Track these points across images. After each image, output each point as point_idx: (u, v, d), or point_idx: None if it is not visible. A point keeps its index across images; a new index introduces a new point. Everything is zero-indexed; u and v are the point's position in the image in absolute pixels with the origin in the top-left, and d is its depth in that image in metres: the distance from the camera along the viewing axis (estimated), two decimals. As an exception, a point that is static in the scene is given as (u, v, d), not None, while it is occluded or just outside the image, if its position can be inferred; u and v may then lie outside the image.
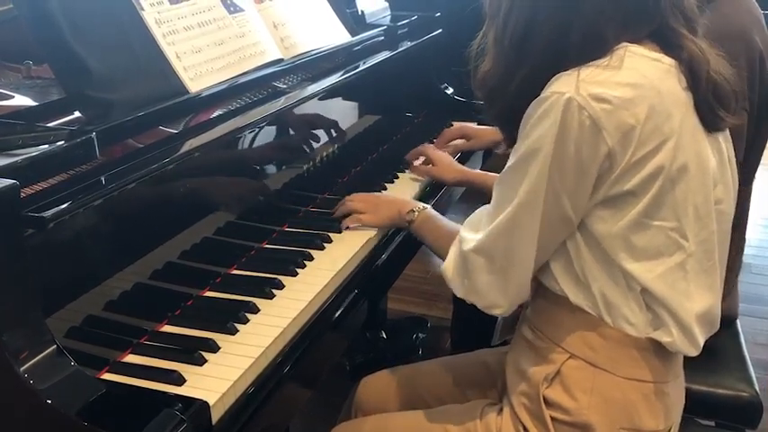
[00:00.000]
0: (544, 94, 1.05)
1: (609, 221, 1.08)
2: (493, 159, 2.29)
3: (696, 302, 1.13)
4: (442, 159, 1.80)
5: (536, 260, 1.12)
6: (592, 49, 1.05)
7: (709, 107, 1.09)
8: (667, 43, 1.09)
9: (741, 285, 1.74)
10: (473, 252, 1.16)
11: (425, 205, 1.46)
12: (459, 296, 1.21)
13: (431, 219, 1.42)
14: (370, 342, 2.47)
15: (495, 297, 1.16)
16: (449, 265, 1.22)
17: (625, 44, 1.06)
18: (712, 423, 1.57)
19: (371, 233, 1.50)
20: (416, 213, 1.43)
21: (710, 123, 1.10)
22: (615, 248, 1.09)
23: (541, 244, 1.10)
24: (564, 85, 1.03)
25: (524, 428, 1.19)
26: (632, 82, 1.03)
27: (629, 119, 1.02)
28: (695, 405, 1.30)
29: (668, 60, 1.08)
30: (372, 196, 1.60)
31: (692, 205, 1.08)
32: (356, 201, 1.55)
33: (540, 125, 1.05)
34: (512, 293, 1.16)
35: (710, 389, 1.51)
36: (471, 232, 1.19)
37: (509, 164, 1.11)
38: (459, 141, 2.03)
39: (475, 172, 1.79)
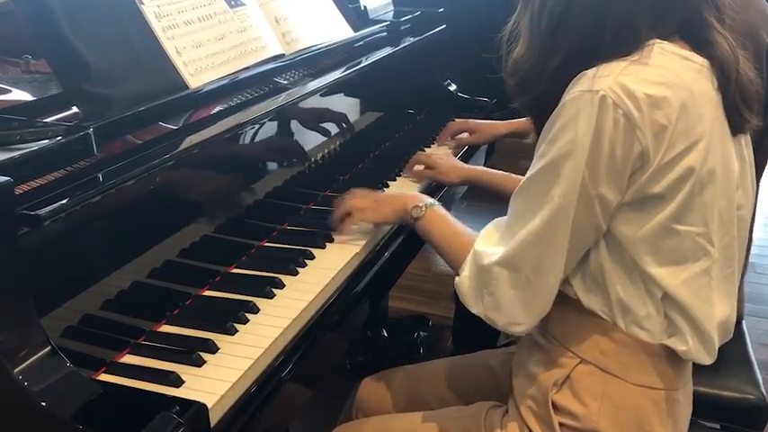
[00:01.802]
0: (572, 94, 1.01)
1: (634, 225, 1.05)
2: (496, 155, 2.28)
3: (718, 310, 1.10)
4: (442, 162, 1.75)
5: (564, 270, 1.08)
6: (624, 39, 1.02)
7: (737, 109, 1.07)
8: (698, 39, 1.06)
9: (744, 285, 1.72)
10: (497, 265, 1.10)
11: (433, 201, 1.37)
12: (474, 313, 1.15)
13: (439, 218, 1.33)
14: (371, 341, 2.45)
15: (517, 313, 1.10)
16: (464, 281, 1.16)
17: (655, 40, 1.03)
18: (717, 426, 1.56)
19: (373, 232, 1.48)
20: (423, 210, 1.34)
21: (737, 125, 1.08)
22: (640, 252, 1.06)
23: (570, 253, 1.07)
24: (594, 83, 1.00)
25: (530, 433, 1.17)
26: (665, 81, 1.00)
27: (662, 119, 0.99)
28: (700, 407, 1.28)
29: (699, 60, 1.05)
30: (373, 193, 1.52)
31: (718, 210, 1.06)
32: (357, 198, 1.47)
33: (571, 126, 1.01)
34: (535, 309, 1.10)
35: (715, 391, 1.49)
36: (488, 246, 1.14)
37: (534, 170, 1.07)
38: (462, 136, 2.02)
39: (478, 169, 1.77)
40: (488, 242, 1.15)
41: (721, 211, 1.07)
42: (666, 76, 1.01)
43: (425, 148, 1.99)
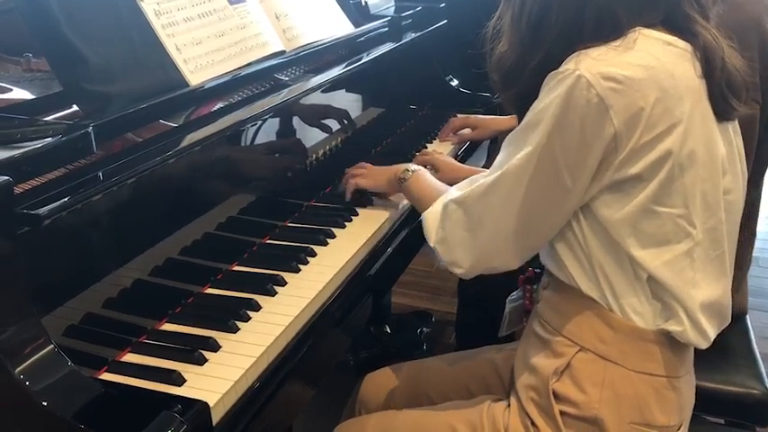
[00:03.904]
0: (557, 70, 1.04)
1: (614, 206, 1.07)
2: (498, 150, 2.27)
3: (702, 291, 1.11)
4: (445, 165, 1.74)
5: (524, 234, 1.11)
6: (605, 31, 1.04)
7: (723, 96, 1.08)
8: (681, 29, 1.07)
9: (748, 279, 1.71)
10: (453, 202, 1.18)
11: (421, 167, 1.49)
12: (430, 243, 1.23)
13: (424, 178, 1.44)
14: (375, 337, 2.45)
15: (461, 254, 1.18)
16: (431, 211, 1.24)
17: (638, 28, 1.05)
18: (721, 421, 1.55)
19: (375, 226, 1.48)
20: (411, 173, 1.45)
21: (722, 112, 1.09)
22: (622, 234, 1.07)
23: (536, 218, 1.10)
24: (575, 63, 1.02)
25: (532, 423, 1.17)
26: (644, 63, 1.02)
27: (639, 101, 1.00)
28: (704, 402, 1.28)
29: (682, 45, 1.06)
30: (371, 166, 1.63)
31: (701, 192, 1.07)
32: (355, 168, 1.61)
33: (545, 99, 1.04)
34: (476, 256, 1.17)
35: (720, 386, 1.49)
36: (459, 189, 1.21)
37: (514, 131, 1.11)
38: (464, 131, 2.02)
39: (476, 170, 1.76)
40: (461, 186, 1.22)
41: (705, 194, 1.08)
42: (646, 59, 1.02)
43: (427, 144, 1.98)
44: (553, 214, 1.10)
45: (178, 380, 1.01)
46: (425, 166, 1.75)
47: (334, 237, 1.44)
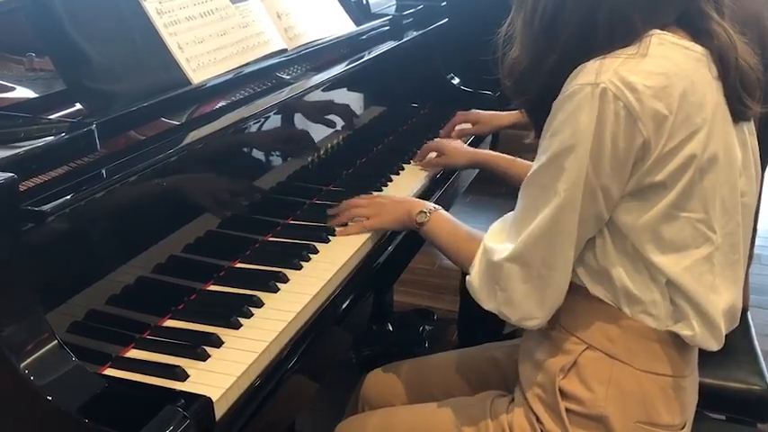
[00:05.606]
0: (572, 87, 1.02)
1: (635, 213, 1.06)
2: (501, 147, 2.28)
3: (722, 296, 1.11)
4: (450, 146, 1.78)
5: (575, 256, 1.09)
6: (620, 33, 1.03)
7: (737, 96, 1.07)
8: (696, 29, 1.07)
9: (749, 276, 1.72)
10: (507, 261, 1.10)
11: (436, 206, 1.39)
12: (488, 309, 1.16)
13: (445, 221, 1.34)
14: (377, 335, 2.46)
15: (531, 307, 1.11)
16: (475, 278, 1.17)
17: (654, 31, 1.04)
18: (723, 417, 1.55)
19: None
20: (428, 215, 1.35)
21: (738, 112, 1.08)
22: (642, 240, 1.07)
23: (586, 238, 1.08)
24: (594, 76, 1.00)
25: (537, 420, 1.18)
26: (665, 71, 1.01)
27: (663, 109, 1.00)
28: (706, 398, 1.28)
29: (698, 49, 1.05)
30: (376, 197, 1.53)
31: (720, 197, 1.07)
32: (359, 205, 1.48)
33: (573, 119, 1.01)
34: (549, 302, 1.11)
35: (721, 382, 1.49)
36: (497, 242, 1.15)
37: (538, 165, 1.07)
38: (465, 126, 2.03)
39: (484, 152, 1.78)
40: (498, 238, 1.16)
41: (724, 198, 1.07)
42: (666, 66, 1.01)
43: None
44: (591, 234, 1.09)
45: (181, 375, 1.01)
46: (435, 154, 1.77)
47: (335, 234, 1.44)
